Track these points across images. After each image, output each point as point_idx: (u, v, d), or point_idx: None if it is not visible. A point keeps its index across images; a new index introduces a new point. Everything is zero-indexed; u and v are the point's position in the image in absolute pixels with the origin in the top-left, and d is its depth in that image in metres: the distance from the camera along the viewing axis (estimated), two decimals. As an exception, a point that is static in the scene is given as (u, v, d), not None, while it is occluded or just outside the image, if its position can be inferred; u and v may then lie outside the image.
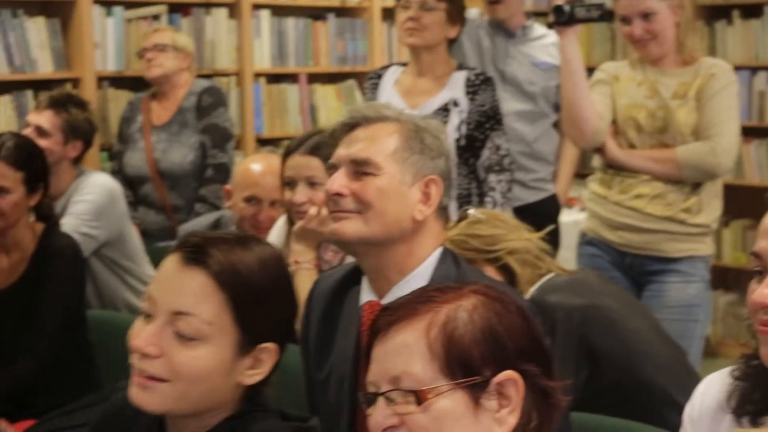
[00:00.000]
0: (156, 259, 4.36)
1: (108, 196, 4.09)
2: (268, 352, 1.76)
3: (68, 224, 3.88)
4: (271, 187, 3.49)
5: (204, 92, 4.85)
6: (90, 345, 3.52)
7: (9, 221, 3.37)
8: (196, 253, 1.73)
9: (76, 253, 3.49)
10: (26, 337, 3.33)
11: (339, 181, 2.20)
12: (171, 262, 1.76)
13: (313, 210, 3.12)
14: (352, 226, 2.17)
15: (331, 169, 2.24)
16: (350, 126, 2.25)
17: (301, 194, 3.17)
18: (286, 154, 3.24)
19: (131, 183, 4.84)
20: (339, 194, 2.19)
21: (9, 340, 3.35)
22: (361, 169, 2.19)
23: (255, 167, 3.61)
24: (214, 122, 4.81)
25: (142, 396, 1.73)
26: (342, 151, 2.23)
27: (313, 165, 3.16)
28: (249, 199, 3.55)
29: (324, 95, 5.98)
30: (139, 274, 4.26)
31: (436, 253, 2.22)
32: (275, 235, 3.40)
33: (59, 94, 4.27)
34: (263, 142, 5.73)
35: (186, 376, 1.70)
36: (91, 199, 4.04)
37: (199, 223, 3.95)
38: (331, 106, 5.96)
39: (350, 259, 3.10)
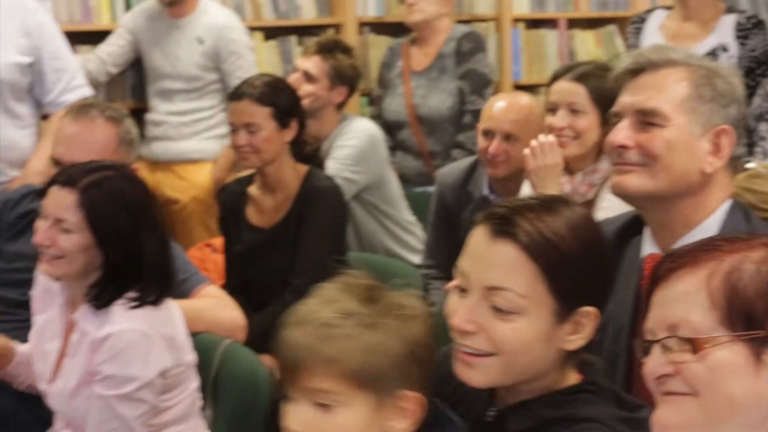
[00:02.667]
0: (413, 204, 4.41)
1: (370, 141, 4.15)
2: (587, 316, 1.73)
3: (330, 168, 3.96)
4: (503, 119, 3.48)
5: (463, 38, 4.84)
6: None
7: (265, 158, 3.46)
8: (503, 225, 1.70)
9: (339, 196, 3.56)
10: (290, 276, 3.44)
11: (624, 133, 2.10)
12: (479, 235, 1.74)
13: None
14: (636, 180, 2.09)
15: (615, 117, 2.16)
16: (634, 72, 2.14)
17: (561, 119, 3.16)
18: (553, 79, 3.26)
19: (390, 128, 4.89)
20: (623, 146, 2.10)
21: (276, 279, 3.45)
22: (647, 119, 2.09)
23: (495, 101, 3.62)
24: (473, 68, 4.80)
25: (467, 372, 1.73)
26: (626, 99, 2.13)
27: (577, 92, 3.15)
28: (485, 133, 3.55)
29: (583, 41, 5.86)
30: (398, 218, 4.31)
31: (725, 206, 2.12)
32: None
33: (327, 39, 4.35)
34: (521, 89, 5.66)
35: (508, 349, 1.69)
36: (353, 144, 4.11)
37: (456, 167, 3.97)
38: (591, 51, 5.83)
39: (606, 194, 3.05)
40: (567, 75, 3.18)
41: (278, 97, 3.49)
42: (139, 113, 4.81)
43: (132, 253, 2.52)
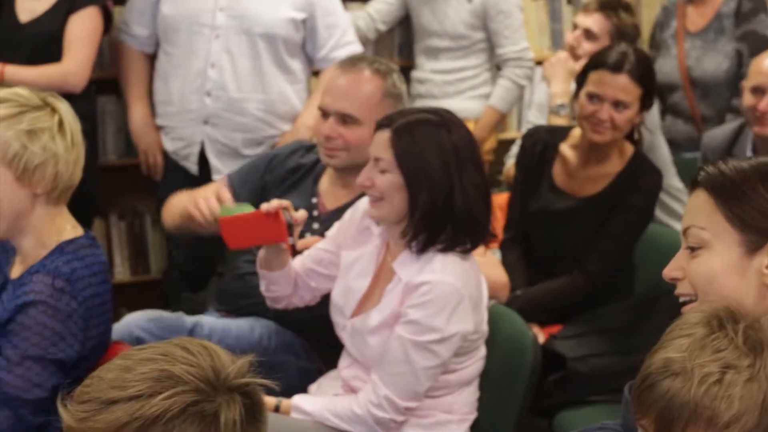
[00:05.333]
0: (682, 170, 4.25)
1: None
2: None
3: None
4: None
5: (746, -3, 4.63)
6: (633, 266, 3.47)
7: (618, 136, 3.31)
8: (697, 175, 1.74)
9: (658, 194, 3.42)
10: (585, 254, 3.33)
11: None
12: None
13: None
14: None
15: None
16: None
17: None
18: None
19: (660, 90, 4.72)
20: None
21: (564, 250, 3.37)
22: None
23: (766, 57, 3.54)
24: (754, 29, 4.57)
25: None
26: None
27: None
28: (754, 90, 3.45)
29: None
30: (666, 185, 4.17)
31: None
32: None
33: (609, -4, 4.23)
34: (802, 52, 5.38)
35: (698, 283, 1.70)
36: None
37: (722, 129, 3.85)
38: None
39: None
40: None
41: (651, 77, 3.36)
42: (405, 71, 4.83)
43: (441, 196, 2.53)
